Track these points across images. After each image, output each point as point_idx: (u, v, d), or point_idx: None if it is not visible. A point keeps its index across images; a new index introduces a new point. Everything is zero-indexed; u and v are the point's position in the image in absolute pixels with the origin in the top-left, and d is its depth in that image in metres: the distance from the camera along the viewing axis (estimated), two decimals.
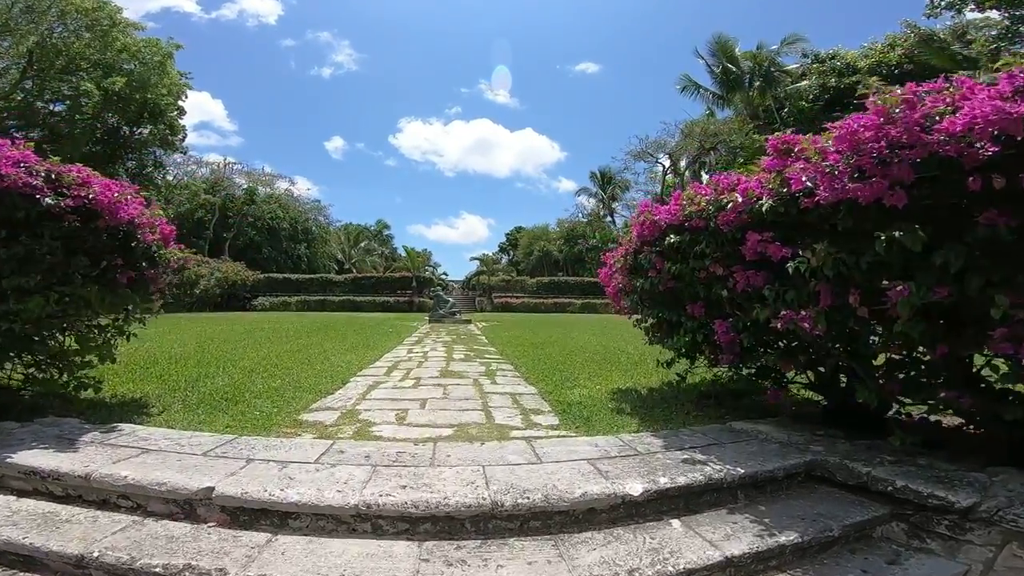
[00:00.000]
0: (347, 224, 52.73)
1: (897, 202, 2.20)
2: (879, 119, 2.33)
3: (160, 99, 22.35)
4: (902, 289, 2.12)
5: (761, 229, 2.84)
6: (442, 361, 6.83)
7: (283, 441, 3.15)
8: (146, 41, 21.82)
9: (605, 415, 3.75)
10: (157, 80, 21.92)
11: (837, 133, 2.51)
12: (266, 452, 2.92)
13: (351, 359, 6.65)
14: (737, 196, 3.04)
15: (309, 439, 3.27)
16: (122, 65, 21.37)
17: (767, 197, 2.87)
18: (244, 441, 3.12)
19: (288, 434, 3.40)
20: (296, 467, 2.68)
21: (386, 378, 5.52)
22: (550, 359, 6.72)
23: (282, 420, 3.73)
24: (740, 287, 2.87)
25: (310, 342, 8.56)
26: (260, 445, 3.05)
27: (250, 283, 28.38)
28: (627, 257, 4.06)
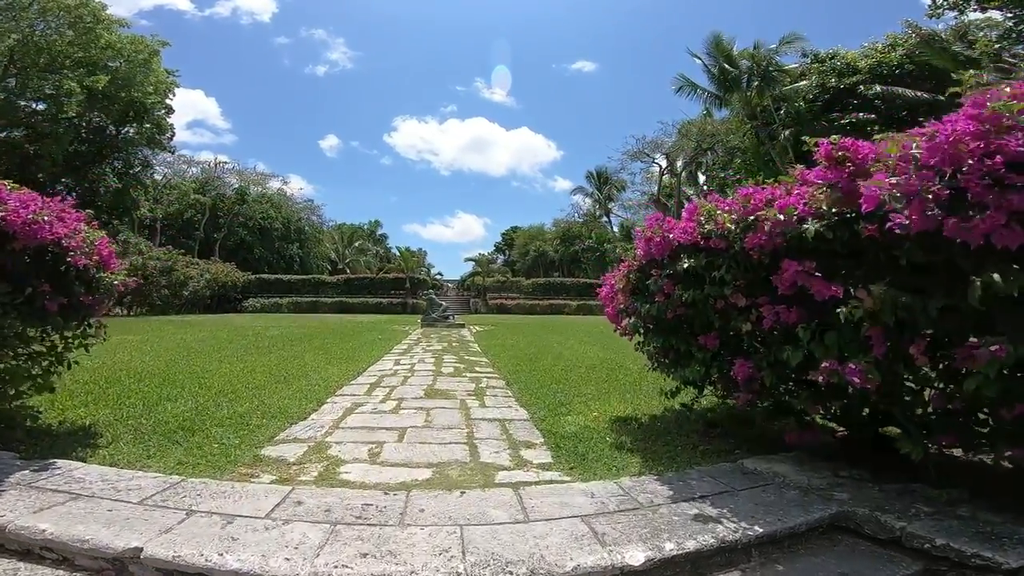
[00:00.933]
0: (341, 224, 52.31)
1: (1011, 243, 1.74)
2: (984, 125, 1.89)
3: (146, 97, 21.85)
4: (997, 349, 1.73)
5: (800, 256, 2.42)
6: (429, 376, 6.44)
7: (234, 487, 2.76)
8: (131, 38, 21.29)
9: (603, 450, 3.37)
10: (143, 78, 21.42)
11: (928, 141, 2.03)
12: (212, 501, 2.54)
13: (332, 374, 6.25)
14: (776, 214, 2.53)
15: (265, 484, 2.88)
16: (107, 63, 20.86)
17: (813, 218, 2.41)
18: (190, 486, 2.73)
19: (244, 476, 3.01)
20: (243, 523, 2.30)
21: (367, 398, 5.13)
22: (545, 374, 6.34)
23: (241, 456, 3.34)
24: (767, 324, 2.48)
25: (292, 353, 8.15)
26: (208, 492, 2.66)
27: (241, 284, 27.97)
28: (630, 276, 3.65)
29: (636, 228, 3.55)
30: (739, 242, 2.76)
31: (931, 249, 1.96)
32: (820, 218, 2.39)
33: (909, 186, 1.96)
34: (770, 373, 2.61)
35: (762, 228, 2.58)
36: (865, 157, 2.35)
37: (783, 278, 2.38)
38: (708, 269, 2.98)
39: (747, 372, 2.60)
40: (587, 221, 48.41)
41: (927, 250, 1.97)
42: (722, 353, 2.87)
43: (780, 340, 2.48)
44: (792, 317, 2.40)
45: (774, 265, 2.50)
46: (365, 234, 56.34)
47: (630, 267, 3.68)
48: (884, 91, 19.06)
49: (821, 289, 2.22)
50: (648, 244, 3.33)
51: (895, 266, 2.10)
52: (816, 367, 2.19)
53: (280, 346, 9.23)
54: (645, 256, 3.38)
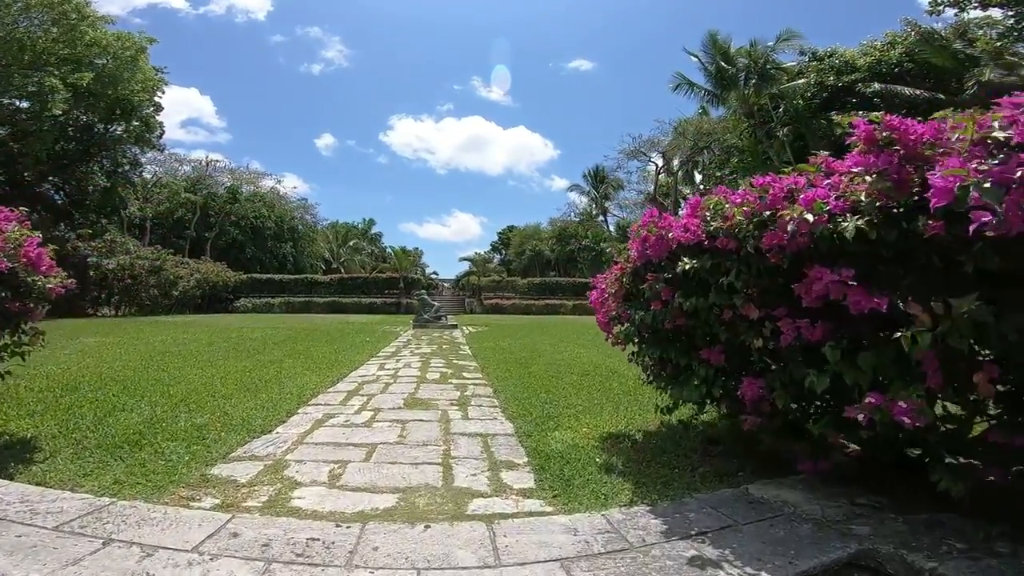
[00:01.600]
0: (335, 222, 51.83)
1: None
2: None
3: (133, 95, 21.38)
4: None
5: (831, 261, 2.05)
6: (413, 383, 6.08)
7: (167, 512, 2.44)
8: (117, 35, 20.82)
9: (592, 473, 3.03)
10: (129, 76, 20.96)
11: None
12: (137, 529, 2.24)
13: (308, 381, 5.89)
14: (802, 211, 2.09)
15: (204, 509, 2.56)
16: (93, 60, 20.40)
17: (850, 214, 2.02)
18: (117, 509, 2.44)
19: (183, 499, 2.70)
20: (164, 557, 2.01)
21: (341, 408, 4.78)
22: (534, 381, 6.00)
23: (187, 475, 3.03)
24: (786, 340, 2.12)
25: (271, 357, 7.79)
26: (135, 517, 2.36)
27: (232, 284, 27.55)
28: (623, 280, 3.27)
29: (632, 227, 3.15)
30: (752, 242, 2.35)
31: (1016, 255, 1.57)
32: (858, 213, 2.00)
33: (1005, 174, 1.54)
34: (783, 394, 2.24)
35: (782, 225, 2.16)
36: (919, 139, 1.95)
37: (811, 289, 1.99)
38: (714, 273, 2.58)
39: (757, 393, 2.25)
40: (583, 220, 48.08)
41: (1011, 256, 1.59)
42: (727, 369, 2.50)
43: (800, 359, 2.11)
44: (817, 334, 2.03)
45: (795, 270, 2.13)
46: (360, 233, 55.83)
47: (623, 269, 3.28)
48: (883, 89, 18.78)
49: (860, 301, 1.82)
50: (643, 244, 2.92)
51: (954, 274, 1.73)
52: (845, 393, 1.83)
53: (261, 349, 8.86)
54: (640, 257, 2.99)
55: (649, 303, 2.88)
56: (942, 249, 1.77)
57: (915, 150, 1.95)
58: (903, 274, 1.91)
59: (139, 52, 21.44)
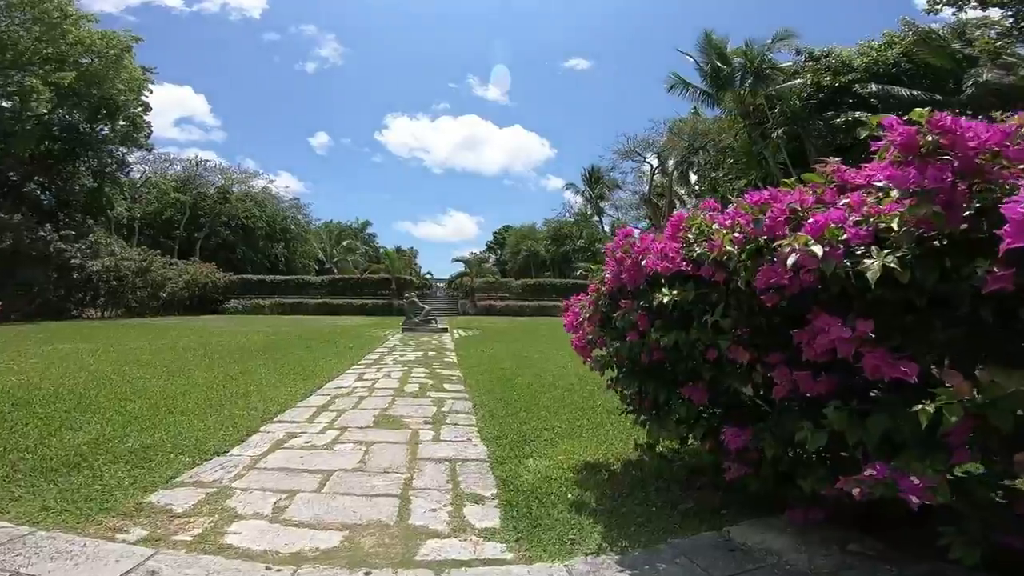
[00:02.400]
0: (328, 222, 51.46)
1: None
2: None
3: (118, 94, 21.02)
4: None
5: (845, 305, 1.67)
6: (388, 397, 5.81)
7: (86, 545, 2.26)
8: (101, 34, 20.46)
9: (561, 512, 2.76)
10: (114, 75, 20.59)
11: None
12: (48, 563, 2.07)
13: (278, 395, 5.62)
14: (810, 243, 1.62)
15: (128, 543, 2.38)
16: (78, 59, 20.06)
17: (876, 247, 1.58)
18: (34, 540, 2.26)
19: (110, 529, 2.48)
20: None
21: (306, 426, 4.51)
22: (518, 396, 5.74)
23: (121, 502, 2.80)
24: (780, 393, 1.83)
25: (246, 367, 7.50)
26: (51, 550, 2.22)
27: (222, 285, 27.20)
28: (599, 303, 2.95)
29: (606, 245, 2.81)
30: (744, 275, 1.93)
31: None
32: (885, 246, 1.56)
33: None
34: (773, 443, 1.95)
35: (782, 258, 1.73)
36: (980, 145, 1.48)
37: (814, 342, 1.63)
38: (698, 304, 2.22)
39: (742, 443, 1.98)
40: (578, 220, 47.85)
41: None
42: (711, 409, 2.22)
43: (795, 411, 1.83)
44: (819, 389, 1.71)
45: (796, 311, 1.77)
46: (354, 233, 55.46)
47: (598, 290, 2.99)
48: (880, 90, 18.59)
49: (880, 367, 1.47)
50: (618, 267, 2.58)
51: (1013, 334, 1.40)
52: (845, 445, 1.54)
53: (238, 357, 8.57)
54: (613, 281, 2.67)
55: (624, 333, 2.60)
56: (1000, 302, 1.38)
57: (973, 162, 1.48)
58: (939, 328, 1.52)
59: (124, 51, 21.08)
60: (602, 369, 3.08)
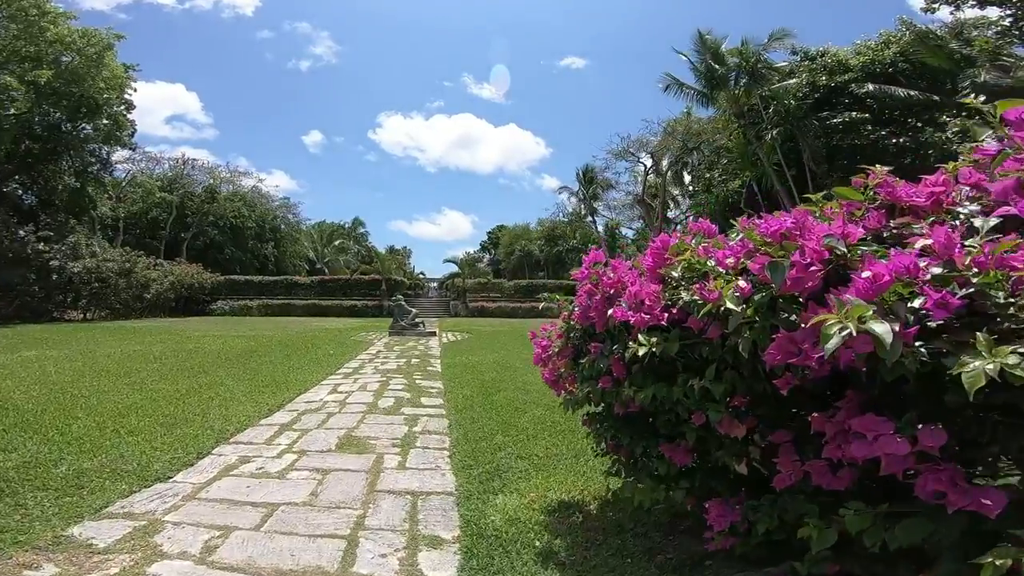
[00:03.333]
0: (320, 222, 50.96)
1: None
2: None
3: (99, 93, 20.52)
4: None
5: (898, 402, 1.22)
6: (360, 413, 5.46)
7: None
8: (82, 31, 19.96)
9: (526, 562, 2.42)
10: (95, 73, 20.11)
11: None
12: None
13: (241, 411, 5.25)
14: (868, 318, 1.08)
15: None
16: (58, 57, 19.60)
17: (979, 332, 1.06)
18: None
19: (20, 565, 2.27)
20: None
21: (262, 449, 4.16)
22: (497, 415, 5.40)
23: (40, 534, 2.54)
24: (784, 483, 1.46)
25: (215, 377, 7.13)
26: None
27: (209, 286, 26.73)
28: (571, 335, 2.55)
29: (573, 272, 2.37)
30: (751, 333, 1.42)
31: None
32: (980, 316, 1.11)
33: None
34: (767, 520, 1.60)
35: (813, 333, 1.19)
36: None
37: (850, 450, 1.20)
38: (684, 356, 1.77)
39: (728, 521, 1.62)
40: (572, 221, 47.53)
41: None
42: (696, 471, 1.84)
43: (799, 494, 1.45)
44: (837, 485, 1.33)
45: (817, 389, 1.37)
46: (346, 232, 54.94)
47: (568, 320, 2.57)
48: (877, 90, 18.36)
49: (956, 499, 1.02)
50: (587, 298, 2.13)
51: None
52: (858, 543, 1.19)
53: (209, 365, 8.19)
54: (581, 317, 2.23)
55: (594, 379, 2.21)
56: None
57: None
58: None
59: (105, 49, 20.58)
60: (574, 408, 2.72)
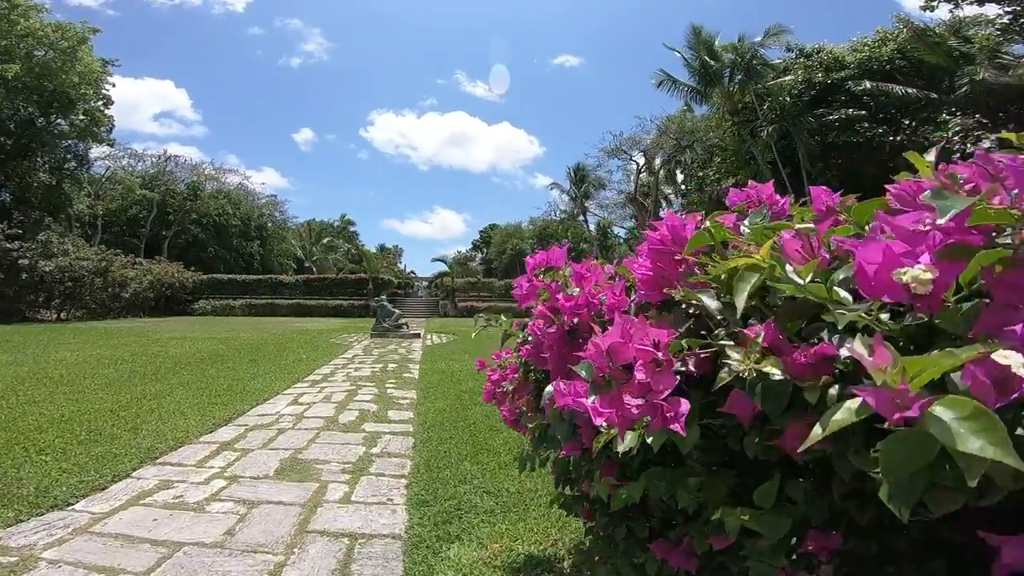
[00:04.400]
0: (309, 220, 50.15)
1: None
2: None
3: (73, 88, 19.80)
4: None
5: None
6: (314, 430, 4.87)
7: None
8: (55, 25, 19.28)
9: None
10: (68, 67, 19.41)
11: None
12: None
13: (181, 426, 4.65)
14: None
15: None
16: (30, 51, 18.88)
17: None
18: None
19: None
20: None
21: (191, 472, 3.57)
22: (468, 435, 4.83)
23: None
24: None
25: (166, 386, 6.51)
26: None
27: (190, 285, 25.99)
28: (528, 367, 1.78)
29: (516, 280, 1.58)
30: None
31: None
32: None
33: None
34: None
35: None
36: None
37: None
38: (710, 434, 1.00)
39: None
40: (564, 220, 47.07)
41: None
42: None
43: None
44: None
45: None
46: (335, 231, 54.14)
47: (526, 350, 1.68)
48: (874, 87, 17.97)
49: None
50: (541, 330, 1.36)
51: None
52: None
53: (165, 372, 7.56)
54: (534, 358, 1.53)
55: (553, 440, 1.65)
56: None
57: None
58: None
59: (80, 43, 19.89)
60: (531, 468, 2.08)
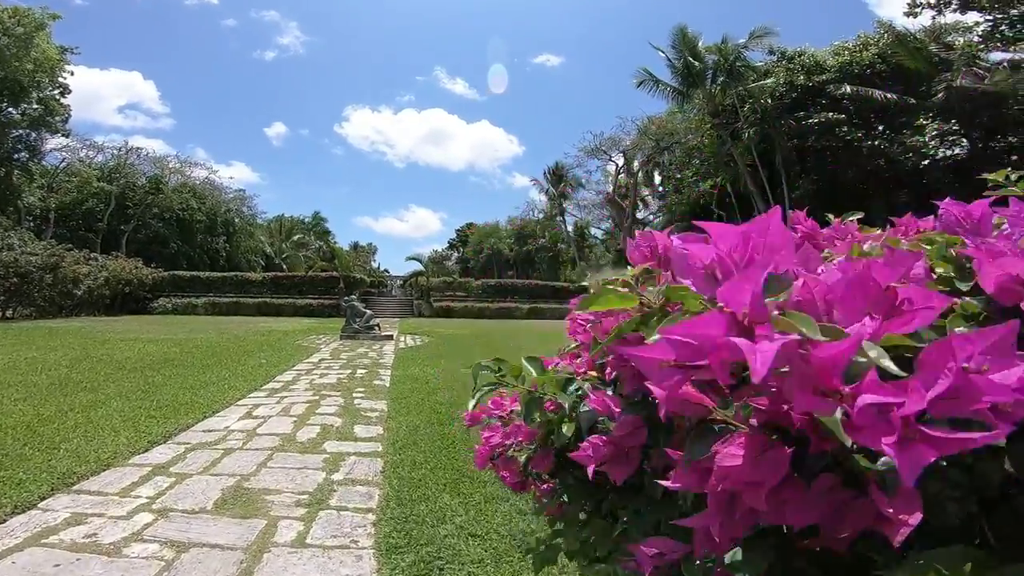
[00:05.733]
0: (280, 216, 48.63)
1: None
2: None
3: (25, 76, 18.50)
4: None
5: None
6: (267, 450, 4.23)
7: None
8: (12, 10, 18.02)
9: None
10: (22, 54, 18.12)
11: None
12: None
13: (110, 445, 3.97)
14: None
15: None
16: None
17: None
18: None
19: None
20: None
21: (114, 502, 2.92)
22: (446, 457, 4.27)
23: None
24: None
25: (100, 397, 5.75)
26: None
27: (149, 282, 24.69)
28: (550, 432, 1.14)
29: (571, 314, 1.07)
30: None
31: None
32: None
33: None
34: None
35: None
36: None
37: None
38: None
39: None
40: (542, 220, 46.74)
41: None
42: None
43: None
44: None
45: None
46: (307, 227, 52.65)
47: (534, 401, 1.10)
48: (854, 92, 18.01)
49: None
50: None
51: None
52: None
53: (102, 380, 6.77)
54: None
55: None
56: None
57: None
58: None
59: (37, 29, 18.62)
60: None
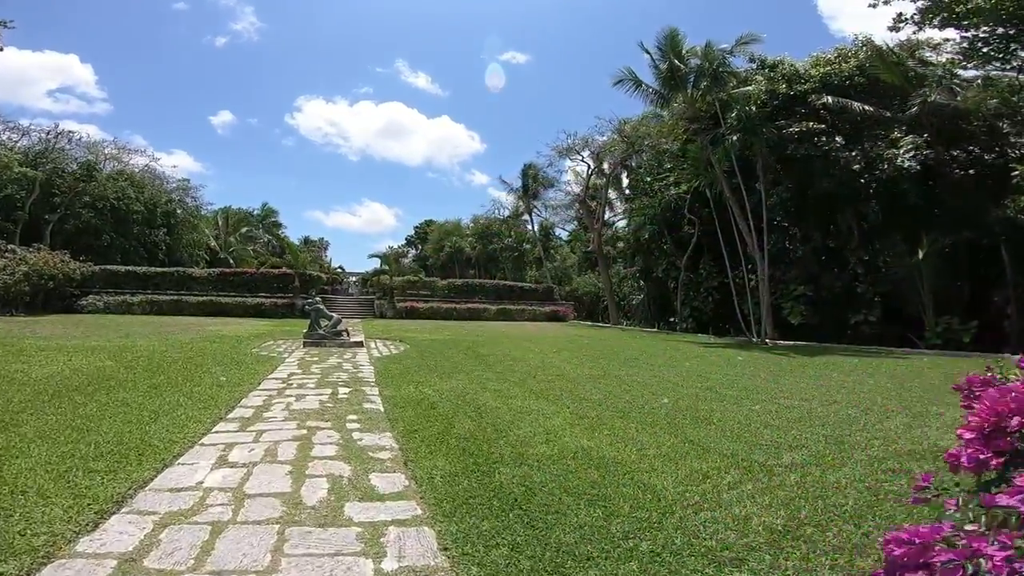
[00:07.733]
0: (226, 208, 45.44)
1: None
2: None
3: None
4: None
5: None
6: (271, 520, 3.01)
7: None
8: None
9: None
10: None
11: None
12: None
13: (45, 519, 2.66)
14: None
15: None
16: None
17: None
18: None
19: None
20: None
21: None
22: (520, 522, 3.19)
23: None
24: None
25: (19, 437, 4.31)
26: None
27: (78, 277, 22.08)
28: None
29: None
30: None
31: None
32: None
33: None
34: None
35: None
36: None
37: None
38: None
39: None
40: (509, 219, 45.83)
41: None
42: None
43: None
44: None
45: None
46: (255, 221, 49.51)
47: None
48: (834, 103, 18.03)
49: None
50: None
51: None
52: None
53: (16, 409, 5.24)
54: None
55: None
56: None
57: None
58: None
59: None
60: None
